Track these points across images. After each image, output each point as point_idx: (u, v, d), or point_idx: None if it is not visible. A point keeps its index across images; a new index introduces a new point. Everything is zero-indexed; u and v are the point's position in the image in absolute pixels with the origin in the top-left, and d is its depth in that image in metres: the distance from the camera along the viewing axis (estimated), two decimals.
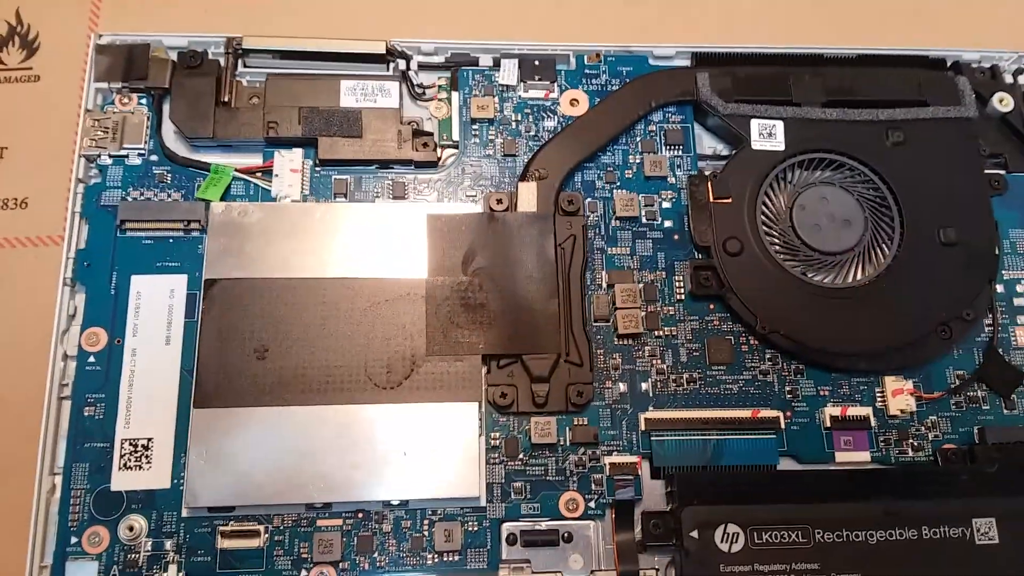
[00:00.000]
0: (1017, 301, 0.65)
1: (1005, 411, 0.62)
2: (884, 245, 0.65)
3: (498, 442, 0.58)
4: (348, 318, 0.58)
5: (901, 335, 0.62)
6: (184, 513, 0.55)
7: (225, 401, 0.56)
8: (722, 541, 0.56)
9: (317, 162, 0.62)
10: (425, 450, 0.56)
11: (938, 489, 0.58)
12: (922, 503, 0.57)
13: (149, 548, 0.54)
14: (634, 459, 0.58)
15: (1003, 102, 0.69)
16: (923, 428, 0.61)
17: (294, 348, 0.57)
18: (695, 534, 0.56)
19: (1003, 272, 0.66)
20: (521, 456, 0.58)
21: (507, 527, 0.57)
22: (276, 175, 0.61)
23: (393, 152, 0.63)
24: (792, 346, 0.61)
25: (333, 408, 0.56)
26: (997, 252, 0.65)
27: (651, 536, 0.57)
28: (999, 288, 0.65)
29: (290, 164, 0.61)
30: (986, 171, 0.68)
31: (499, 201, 0.62)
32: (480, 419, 0.58)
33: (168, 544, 0.54)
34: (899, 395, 0.61)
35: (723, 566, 0.55)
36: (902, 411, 0.61)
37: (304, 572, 0.54)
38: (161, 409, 0.56)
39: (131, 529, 0.54)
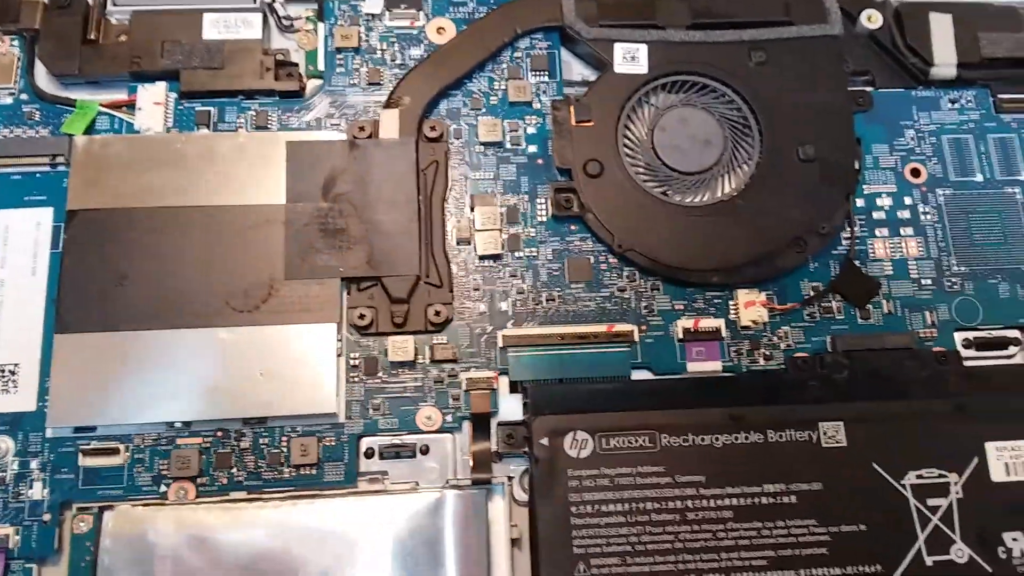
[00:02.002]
0: (876, 215, 0.67)
1: (860, 320, 0.64)
2: (744, 164, 0.66)
3: (358, 362, 0.60)
4: (207, 245, 0.60)
5: (756, 250, 0.63)
6: (48, 434, 0.57)
7: (86, 326, 0.58)
8: (571, 447, 0.58)
9: (180, 95, 0.64)
10: (283, 370, 0.58)
11: (786, 395, 0.61)
12: (769, 408, 0.59)
13: (16, 467, 0.56)
14: (491, 374, 0.60)
15: (871, 19, 0.70)
16: (776, 338, 0.63)
17: (154, 274, 0.59)
18: (545, 441, 0.58)
19: (864, 187, 0.67)
20: (380, 374, 0.60)
21: (365, 442, 0.59)
22: (140, 109, 0.63)
23: (256, 83, 0.64)
24: (648, 263, 0.63)
25: (192, 331, 0.58)
26: (858, 167, 0.66)
27: (505, 445, 0.59)
28: (860, 202, 0.67)
29: (153, 98, 0.63)
30: (851, 88, 0.69)
31: (361, 129, 0.63)
32: (340, 339, 0.60)
33: (34, 463, 0.57)
34: (751, 307, 0.63)
35: (571, 470, 0.57)
36: (754, 322, 0.62)
37: (164, 487, 0.57)
38: (27, 336, 0.59)
39: None
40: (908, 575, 0.56)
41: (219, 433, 0.58)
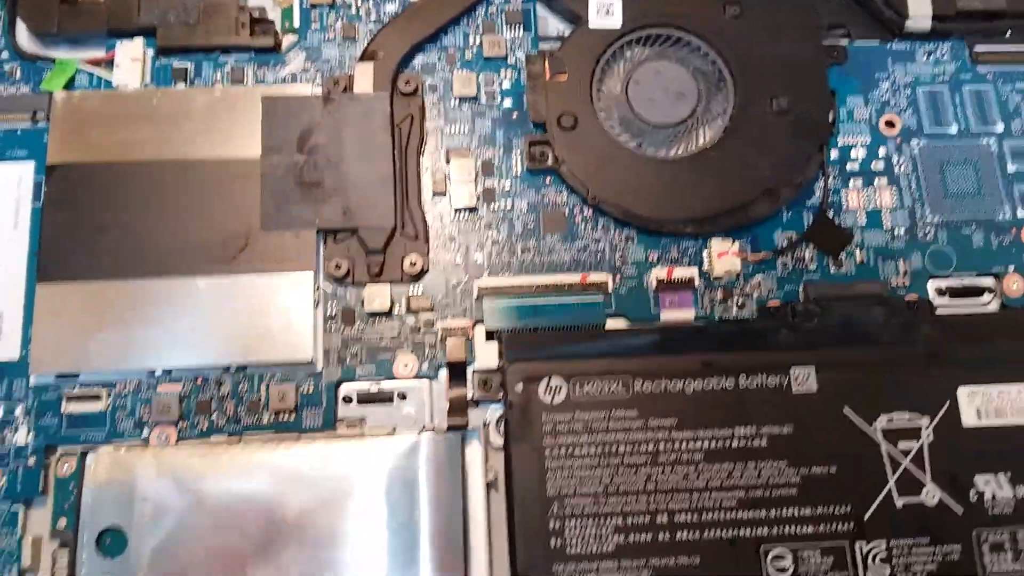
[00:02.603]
0: (850, 166, 0.67)
1: (833, 270, 0.64)
2: (719, 117, 0.67)
3: (335, 312, 0.61)
4: (185, 197, 0.61)
5: (729, 200, 0.64)
6: (32, 381, 0.58)
7: (67, 276, 0.59)
8: (545, 393, 0.59)
9: (157, 51, 0.65)
10: (261, 318, 0.59)
11: (757, 341, 0.61)
12: (740, 355, 0.60)
13: (0, 414, 0.58)
14: (466, 323, 0.61)
15: None
16: (748, 288, 0.64)
17: (133, 226, 0.60)
18: (520, 388, 0.59)
19: (838, 138, 0.67)
20: (357, 324, 0.61)
21: (343, 388, 0.60)
22: (118, 65, 0.64)
23: (232, 39, 0.65)
24: (622, 215, 0.64)
25: (171, 280, 0.59)
26: (832, 119, 0.67)
27: (481, 392, 0.60)
28: (834, 154, 0.67)
29: (131, 54, 0.64)
30: (826, 42, 0.69)
31: (336, 83, 0.64)
32: (316, 288, 0.61)
33: (18, 410, 0.58)
34: (724, 256, 0.63)
35: (545, 415, 0.58)
36: (727, 272, 0.63)
37: (146, 431, 0.58)
38: (10, 288, 0.60)
39: None
40: (878, 516, 0.57)
41: (199, 380, 0.59)
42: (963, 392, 0.60)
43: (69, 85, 0.64)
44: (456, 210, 0.64)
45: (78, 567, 0.54)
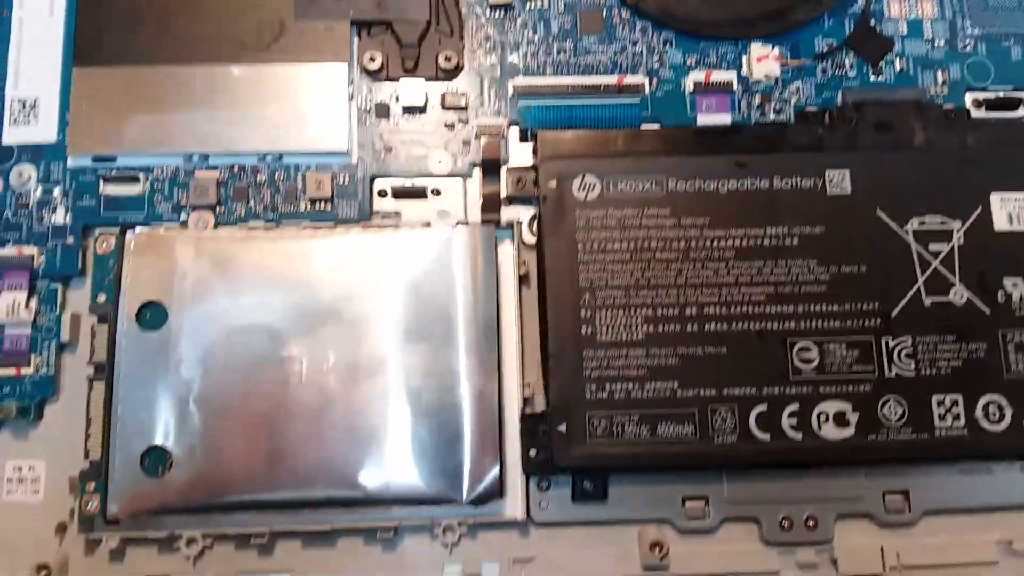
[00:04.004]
0: None
1: (872, 77, 0.64)
2: None
3: (369, 105, 0.61)
4: None
5: (770, 4, 0.63)
6: (69, 163, 0.59)
7: (103, 60, 0.59)
8: (579, 190, 0.59)
9: None
10: (296, 108, 0.59)
11: (793, 144, 0.61)
12: (775, 156, 0.60)
13: (39, 194, 0.58)
14: (501, 122, 0.61)
15: None
16: (786, 93, 0.63)
17: (167, 11, 0.60)
18: (553, 184, 0.59)
19: None
20: (392, 119, 0.61)
21: (378, 183, 0.60)
22: None
23: None
24: (662, 16, 0.63)
25: (205, 68, 0.59)
26: None
27: (515, 189, 0.60)
28: None
29: None
30: None
31: None
32: (351, 83, 0.60)
33: (56, 191, 0.58)
34: (763, 61, 0.62)
35: (579, 210, 0.58)
36: (766, 76, 0.62)
37: (184, 215, 0.58)
38: (46, 72, 0.60)
39: (21, 175, 0.58)
40: (905, 313, 0.58)
41: (235, 168, 0.59)
42: (995, 198, 0.60)
43: None
44: (492, 7, 0.63)
45: (118, 340, 0.55)
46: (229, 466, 0.54)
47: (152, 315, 0.56)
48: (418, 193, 0.60)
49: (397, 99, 0.61)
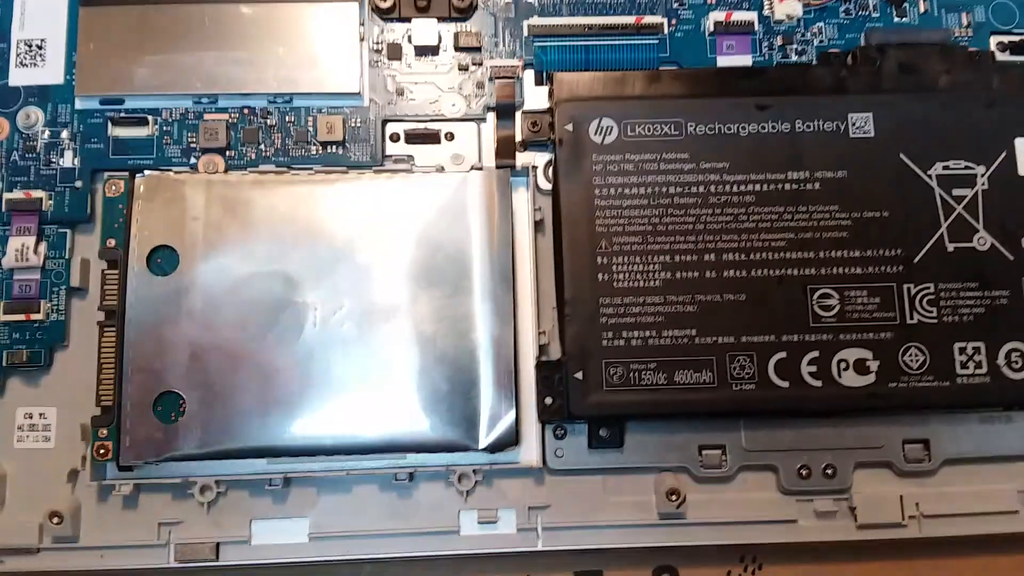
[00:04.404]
0: None
1: (896, 19, 0.62)
2: None
3: (380, 46, 0.60)
4: None
5: None
6: (77, 105, 0.58)
7: (110, 0, 0.57)
8: (596, 134, 0.58)
9: None
10: (307, 48, 0.58)
11: (815, 86, 0.59)
12: (797, 99, 0.59)
13: (47, 137, 0.57)
14: (516, 63, 0.60)
15: None
16: (808, 34, 0.61)
17: None
18: (570, 127, 0.58)
19: None
20: (404, 60, 0.60)
21: (390, 126, 0.59)
22: None
23: None
24: None
25: (213, 7, 0.58)
26: None
27: (530, 133, 0.59)
28: None
29: None
30: None
31: None
32: (362, 21, 0.59)
33: (64, 133, 0.57)
34: (785, 0, 0.61)
35: (595, 154, 0.57)
36: (788, 16, 0.61)
37: (193, 159, 0.57)
38: (52, 12, 0.58)
39: (28, 117, 0.57)
40: (928, 259, 0.57)
41: (245, 111, 0.58)
42: (1020, 143, 0.58)
43: None
44: None
45: (128, 285, 0.54)
46: (242, 412, 0.53)
47: (163, 260, 0.55)
48: (431, 137, 0.59)
49: (409, 39, 0.59)
